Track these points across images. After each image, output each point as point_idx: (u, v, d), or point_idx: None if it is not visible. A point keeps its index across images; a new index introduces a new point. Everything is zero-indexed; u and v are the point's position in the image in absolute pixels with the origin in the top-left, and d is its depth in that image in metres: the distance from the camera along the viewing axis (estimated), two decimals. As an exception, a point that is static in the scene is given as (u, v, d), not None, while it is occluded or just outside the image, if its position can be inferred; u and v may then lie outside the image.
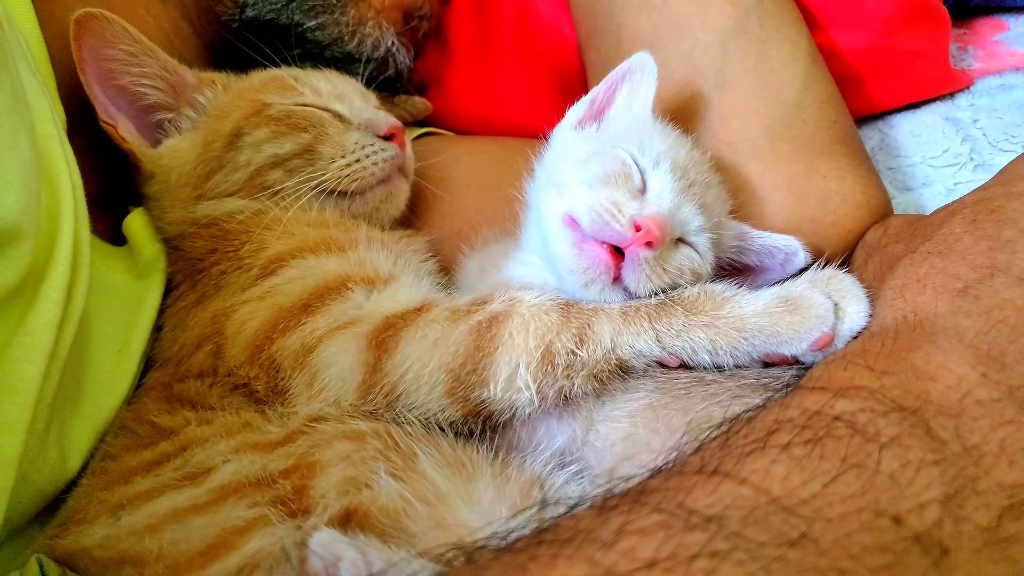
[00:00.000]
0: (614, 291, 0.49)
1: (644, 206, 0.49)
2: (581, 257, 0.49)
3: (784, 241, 0.54)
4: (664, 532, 0.29)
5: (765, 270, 0.57)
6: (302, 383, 0.49)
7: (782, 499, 0.31)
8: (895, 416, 0.34)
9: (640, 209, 0.48)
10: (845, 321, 0.45)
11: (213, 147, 0.61)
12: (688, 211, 0.51)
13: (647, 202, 0.50)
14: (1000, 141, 0.73)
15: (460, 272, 0.64)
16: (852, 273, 0.48)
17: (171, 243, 0.62)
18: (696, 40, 0.62)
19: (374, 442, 0.45)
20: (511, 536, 0.31)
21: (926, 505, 0.31)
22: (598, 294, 0.49)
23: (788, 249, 0.54)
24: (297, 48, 0.71)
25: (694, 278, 0.50)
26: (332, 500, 0.41)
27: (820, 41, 0.68)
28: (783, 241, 0.55)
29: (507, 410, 0.47)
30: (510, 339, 0.46)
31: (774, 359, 0.47)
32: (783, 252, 0.55)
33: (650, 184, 0.51)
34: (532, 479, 0.44)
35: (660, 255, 0.48)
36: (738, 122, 0.61)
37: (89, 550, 0.42)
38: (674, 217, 0.50)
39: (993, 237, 0.44)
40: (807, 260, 0.53)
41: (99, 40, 0.58)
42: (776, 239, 0.55)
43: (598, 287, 0.49)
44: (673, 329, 0.46)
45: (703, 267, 0.51)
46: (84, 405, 0.53)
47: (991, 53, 0.81)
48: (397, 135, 0.65)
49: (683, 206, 0.51)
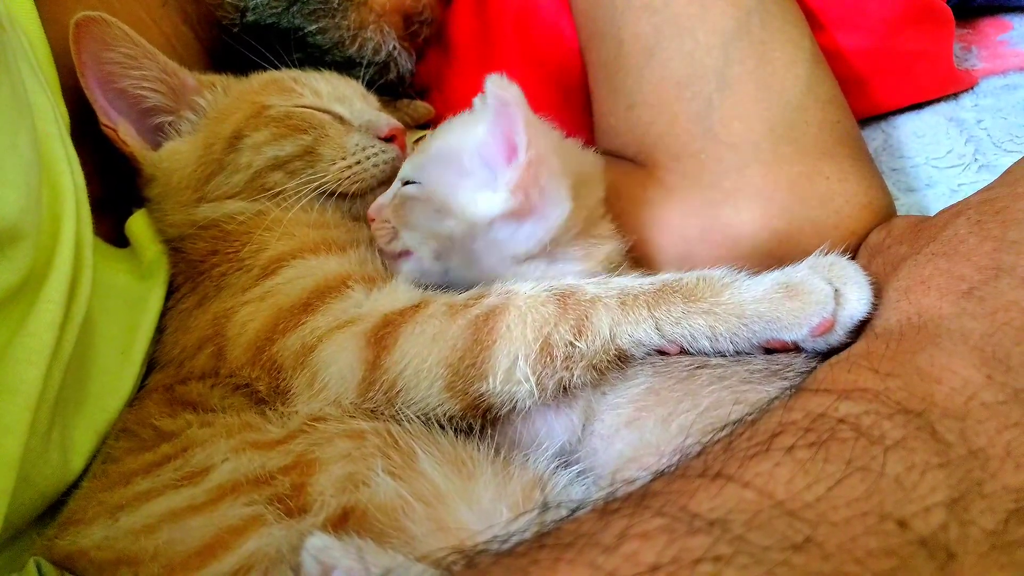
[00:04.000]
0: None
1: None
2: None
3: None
4: (667, 536, 0.29)
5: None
6: (303, 382, 0.49)
7: (786, 503, 0.30)
8: (900, 419, 0.34)
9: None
10: (845, 307, 0.45)
11: (213, 149, 0.61)
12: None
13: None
14: (1005, 142, 0.73)
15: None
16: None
17: (172, 245, 0.62)
18: (697, 42, 0.62)
19: (374, 439, 0.45)
20: (512, 539, 0.31)
21: (931, 509, 0.31)
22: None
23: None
24: (298, 52, 0.71)
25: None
26: (330, 498, 0.41)
27: (822, 42, 0.68)
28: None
29: (507, 403, 0.46)
30: (508, 332, 0.46)
31: (774, 345, 0.47)
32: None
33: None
34: (534, 479, 0.43)
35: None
36: (740, 124, 0.60)
37: (87, 551, 0.42)
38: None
39: (998, 238, 0.44)
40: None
41: (99, 43, 0.58)
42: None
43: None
44: (672, 316, 0.46)
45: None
46: (87, 407, 0.53)
47: (995, 53, 0.81)
48: (398, 137, 0.65)
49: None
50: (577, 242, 0.55)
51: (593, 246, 0.56)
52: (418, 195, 0.54)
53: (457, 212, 0.52)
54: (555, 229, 0.52)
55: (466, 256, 0.54)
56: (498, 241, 0.53)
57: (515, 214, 0.51)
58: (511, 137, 0.49)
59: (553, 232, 0.52)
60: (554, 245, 0.54)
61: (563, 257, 0.55)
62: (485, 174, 0.52)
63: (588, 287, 0.48)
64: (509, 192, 0.50)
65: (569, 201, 0.52)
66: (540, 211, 0.51)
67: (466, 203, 0.52)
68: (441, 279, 0.56)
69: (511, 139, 0.49)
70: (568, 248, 0.55)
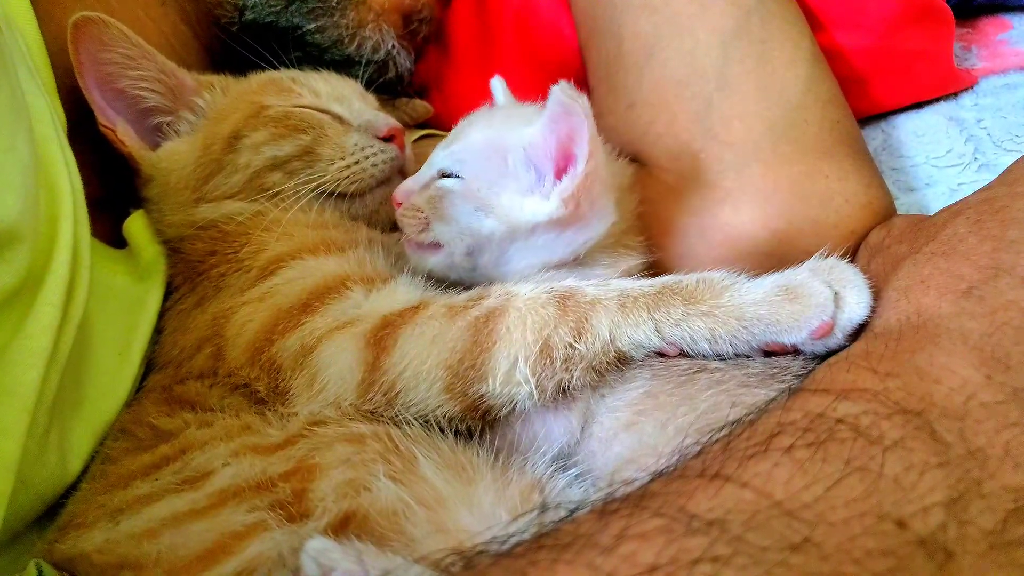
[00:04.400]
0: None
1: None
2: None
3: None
4: (665, 537, 0.29)
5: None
6: (302, 384, 0.49)
7: (784, 503, 0.30)
8: (899, 419, 0.34)
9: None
10: (845, 310, 0.45)
11: (212, 150, 0.61)
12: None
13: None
14: (1004, 141, 0.73)
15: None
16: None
17: (171, 245, 0.62)
18: (697, 41, 0.62)
19: (374, 444, 0.45)
20: (510, 541, 0.31)
21: (930, 509, 0.31)
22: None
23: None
24: (296, 51, 0.71)
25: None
26: (331, 504, 0.41)
27: (822, 41, 0.68)
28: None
29: (506, 405, 0.46)
30: (507, 334, 0.46)
31: (774, 347, 0.47)
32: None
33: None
34: (533, 482, 0.43)
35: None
36: (740, 123, 0.60)
37: (88, 555, 0.42)
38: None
39: (998, 237, 0.44)
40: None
41: (97, 44, 0.58)
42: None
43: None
44: (672, 319, 0.46)
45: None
46: (84, 408, 0.53)
47: (995, 52, 0.81)
48: (397, 136, 0.64)
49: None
50: (605, 251, 0.55)
51: (620, 256, 0.56)
52: (459, 190, 0.53)
53: (500, 214, 0.51)
54: (595, 239, 0.52)
55: (498, 256, 0.54)
56: (537, 246, 0.52)
57: (560, 222, 0.51)
58: (569, 146, 0.49)
59: (592, 242, 0.52)
60: (587, 254, 0.54)
61: (591, 264, 0.54)
62: (529, 177, 0.51)
63: (588, 289, 0.48)
64: (561, 200, 0.49)
65: (614, 214, 0.52)
66: (585, 221, 0.51)
67: (511, 206, 0.51)
68: (467, 275, 0.55)
69: (568, 147, 0.49)
70: (597, 256, 0.55)
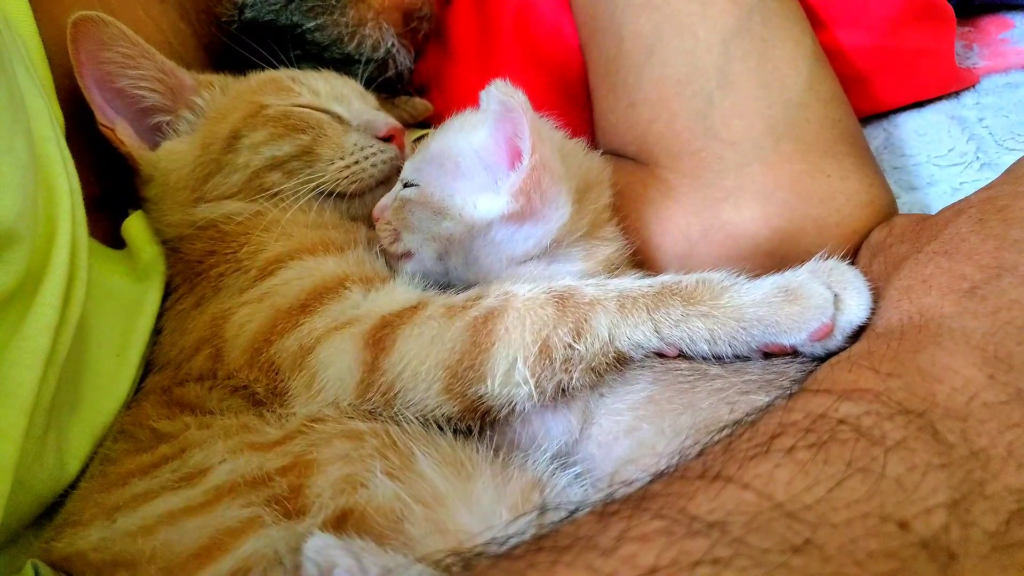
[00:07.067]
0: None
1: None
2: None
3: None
4: (665, 539, 0.28)
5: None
6: (301, 384, 0.49)
7: (786, 504, 0.30)
8: (901, 419, 0.34)
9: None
10: (845, 312, 0.45)
11: (211, 149, 0.61)
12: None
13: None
14: (1006, 140, 0.73)
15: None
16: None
17: (170, 246, 0.62)
18: (698, 39, 0.62)
19: (372, 440, 0.44)
20: (510, 542, 0.31)
21: (933, 510, 0.30)
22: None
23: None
24: (296, 49, 0.71)
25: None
26: (328, 500, 0.41)
27: (824, 40, 0.67)
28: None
29: (505, 405, 0.46)
30: (506, 334, 0.46)
31: (773, 349, 0.46)
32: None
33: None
34: (533, 481, 0.43)
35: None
36: (740, 122, 0.60)
37: (84, 553, 0.42)
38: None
39: (1000, 236, 0.43)
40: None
41: (96, 43, 0.57)
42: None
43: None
44: (671, 319, 0.46)
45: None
46: (82, 410, 0.52)
47: (997, 51, 0.81)
48: (396, 136, 0.64)
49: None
50: (579, 243, 0.55)
51: (595, 247, 0.56)
52: (416, 198, 0.55)
53: (454, 214, 0.52)
54: (554, 232, 0.52)
55: (466, 257, 0.55)
56: (497, 242, 0.53)
57: (514, 217, 0.51)
58: (514, 142, 0.50)
59: (553, 235, 0.53)
60: (555, 246, 0.54)
61: (564, 257, 0.55)
62: (484, 177, 0.52)
63: (587, 289, 0.48)
64: (511, 196, 0.50)
65: (569, 205, 0.52)
66: (540, 214, 0.51)
67: (463, 205, 0.52)
68: (443, 279, 0.56)
69: (514, 143, 0.50)
70: (570, 249, 0.55)
